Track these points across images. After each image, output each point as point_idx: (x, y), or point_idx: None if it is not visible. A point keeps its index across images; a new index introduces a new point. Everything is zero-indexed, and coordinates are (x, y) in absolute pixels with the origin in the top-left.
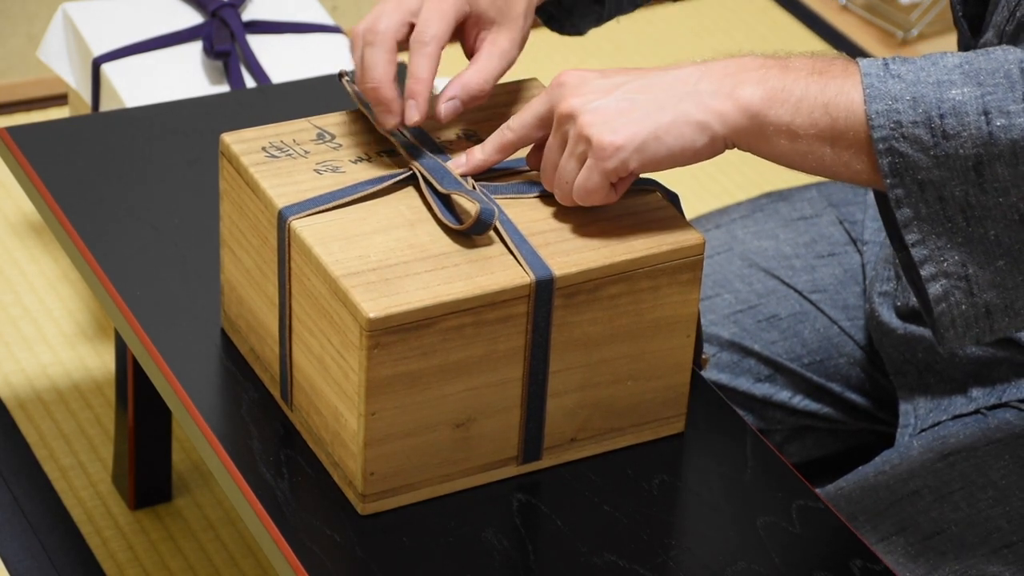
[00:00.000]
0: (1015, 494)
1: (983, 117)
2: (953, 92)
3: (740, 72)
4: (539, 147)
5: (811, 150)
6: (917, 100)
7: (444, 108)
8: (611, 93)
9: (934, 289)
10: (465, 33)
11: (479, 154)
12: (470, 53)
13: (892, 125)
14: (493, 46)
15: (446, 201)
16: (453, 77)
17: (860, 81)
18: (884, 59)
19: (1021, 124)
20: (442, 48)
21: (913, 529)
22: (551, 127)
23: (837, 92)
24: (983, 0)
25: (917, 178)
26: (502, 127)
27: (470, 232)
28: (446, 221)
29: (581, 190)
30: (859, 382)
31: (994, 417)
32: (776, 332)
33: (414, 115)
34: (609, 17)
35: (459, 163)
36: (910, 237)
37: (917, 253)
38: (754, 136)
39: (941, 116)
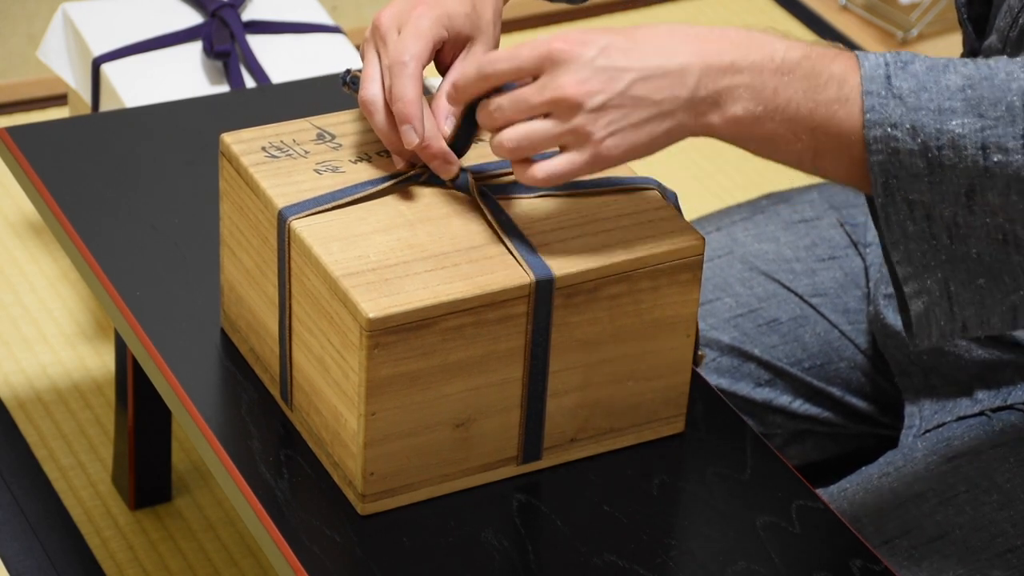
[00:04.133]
0: (1020, 498)
1: (980, 152)
2: (953, 123)
3: (735, 73)
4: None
5: (798, 161)
6: (916, 130)
7: (447, 129)
8: (614, 83)
9: (916, 306)
10: (442, 55)
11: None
12: (445, 70)
13: (889, 151)
14: (469, 56)
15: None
16: (435, 92)
17: (860, 96)
18: (887, 63)
19: (1017, 161)
20: (423, 67)
21: (917, 532)
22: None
23: (828, 114)
24: (987, 2)
25: (908, 197)
26: (480, 65)
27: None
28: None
29: (553, 174)
30: (859, 386)
31: (999, 420)
32: (776, 336)
33: (413, 138)
34: None
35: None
36: (895, 255)
37: (901, 271)
38: (737, 143)
39: (939, 148)
